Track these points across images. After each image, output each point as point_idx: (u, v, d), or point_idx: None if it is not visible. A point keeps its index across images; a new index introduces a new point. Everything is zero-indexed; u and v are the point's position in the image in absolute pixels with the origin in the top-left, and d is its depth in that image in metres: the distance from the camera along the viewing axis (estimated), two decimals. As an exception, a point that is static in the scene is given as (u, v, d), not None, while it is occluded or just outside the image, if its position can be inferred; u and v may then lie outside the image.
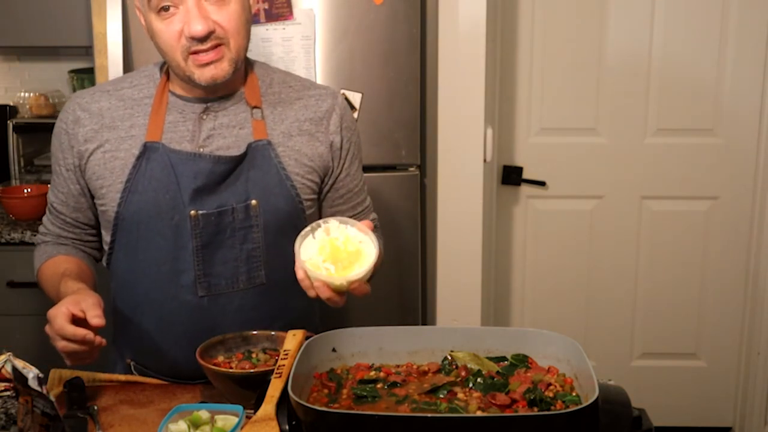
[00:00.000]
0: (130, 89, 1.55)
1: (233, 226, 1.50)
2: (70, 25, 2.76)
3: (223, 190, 1.50)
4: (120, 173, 1.50)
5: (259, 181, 1.51)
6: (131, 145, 1.50)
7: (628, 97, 2.86)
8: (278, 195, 1.53)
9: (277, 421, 1.16)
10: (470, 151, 2.61)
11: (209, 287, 1.52)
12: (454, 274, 2.69)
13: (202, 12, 1.41)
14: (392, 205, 2.52)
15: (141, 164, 1.49)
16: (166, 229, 1.49)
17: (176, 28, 1.42)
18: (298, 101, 1.58)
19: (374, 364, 1.30)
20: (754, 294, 2.95)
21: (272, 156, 1.52)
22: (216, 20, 1.42)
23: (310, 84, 1.63)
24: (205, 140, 1.51)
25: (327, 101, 1.59)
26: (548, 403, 1.15)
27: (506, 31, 2.83)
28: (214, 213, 1.49)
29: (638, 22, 2.80)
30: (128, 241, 1.53)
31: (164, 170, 1.48)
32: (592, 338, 3.00)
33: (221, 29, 1.43)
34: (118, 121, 1.52)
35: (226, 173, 1.50)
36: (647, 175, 2.92)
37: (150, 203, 1.49)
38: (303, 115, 1.57)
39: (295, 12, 2.38)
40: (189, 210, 1.48)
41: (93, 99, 1.55)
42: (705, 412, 3.08)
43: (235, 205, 1.50)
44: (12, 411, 1.32)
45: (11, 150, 2.99)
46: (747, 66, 2.80)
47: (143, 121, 1.51)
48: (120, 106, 1.53)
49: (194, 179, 1.48)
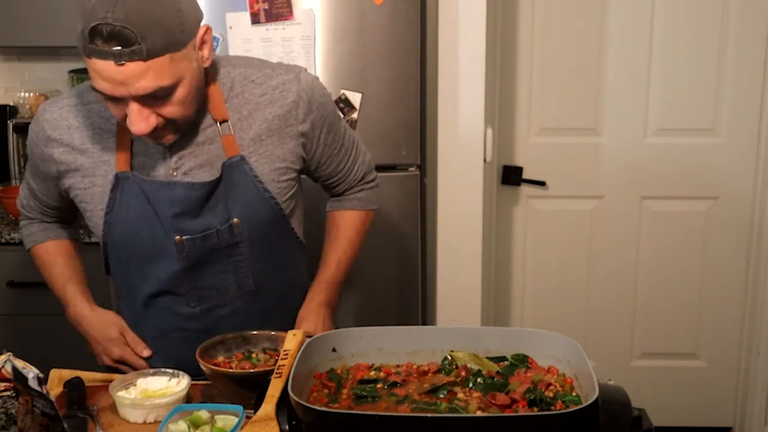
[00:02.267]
0: (96, 104, 1.49)
1: (219, 245, 1.51)
2: (70, 25, 2.73)
3: (204, 214, 1.49)
4: (100, 200, 1.50)
5: (239, 198, 1.50)
6: (106, 171, 1.49)
7: (628, 97, 2.86)
8: (259, 209, 1.52)
9: (277, 421, 1.16)
10: (470, 151, 2.61)
11: (200, 300, 1.56)
12: (454, 274, 2.69)
13: (144, 113, 1.34)
14: (392, 205, 2.52)
15: (116, 196, 1.49)
16: (152, 254, 1.51)
17: (121, 114, 1.37)
18: (263, 97, 1.51)
19: (374, 364, 1.30)
20: (754, 294, 2.94)
21: (247, 171, 1.50)
22: (161, 113, 1.36)
23: (271, 71, 1.54)
24: (177, 162, 1.49)
25: (292, 90, 1.52)
26: (548, 403, 1.15)
27: (506, 31, 2.83)
28: (199, 237, 1.49)
29: (638, 23, 2.80)
30: (119, 263, 1.57)
31: (138, 199, 1.48)
32: (592, 338, 2.99)
33: (165, 121, 1.38)
34: (87, 143, 1.50)
35: (204, 197, 1.49)
36: (647, 175, 2.91)
37: (131, 233, 1.50)
38: (270, 113, 1.51)
39: (295, 12, 2.38)
40: (172, 236, 1.48)
41: (61, 115, 1.51)
42: (705, 412, 3.08)
43: (219, 227, 1.50)
44: (12, 411, 1.32)
45: (11, 150, 2.99)
46: (747, 66, 2.80)
47: (113, 143, 1.49)
48: (88, 125, 1.50)
49: (171, 206, 1.47)
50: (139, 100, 1.32)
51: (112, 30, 1.25)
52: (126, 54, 1.27)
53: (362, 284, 2.57)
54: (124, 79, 1.29)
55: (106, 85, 1.31)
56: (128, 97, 1.32)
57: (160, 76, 1.31)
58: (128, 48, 1.26)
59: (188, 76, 1.36)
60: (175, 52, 1.32)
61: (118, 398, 1.32)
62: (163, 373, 1.39)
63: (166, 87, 1.32)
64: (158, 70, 1.30)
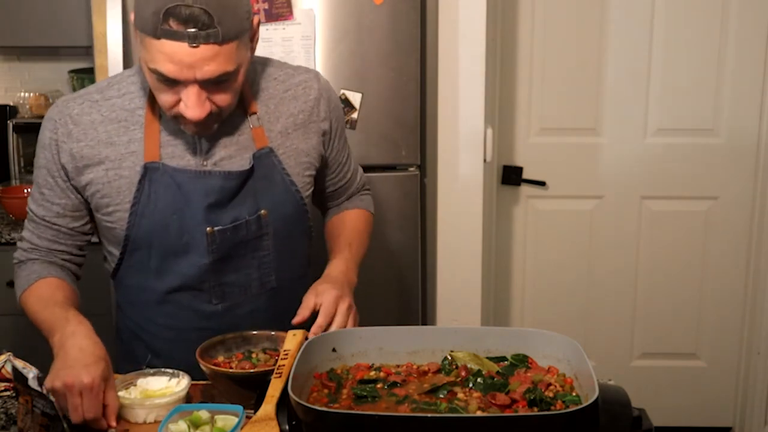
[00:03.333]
0: (119, 99, 1.49)
1: (247, 238, 1.52)
2: (70, 25, 2.76)
3: (235, 205, 1.50)
4: (127, 193, 1.47)
5: (267, 190, 1.52)
6: (134, 163, 1.47)
7: (628, 97, 2.86)
8: (285, 202, 1.54)
9: (277, 421, 1.16)
10: (470, 151, 2.62)
11: (223, 296, 1.55)
12: (454, 274, 2.69)
13: (202, 98, 1.36)
14: (392, 205, 2.52)
15: (144, 187, 1.47)
16: (178, 247, 1.50)
17: (173, 99, 1.37)
18: (287, 93, 1.56)
19: (374, 364, 1.30)
20: (754, 294, 2.94)
21: (276, 163, 1.52)
22: (215, 101, 1.38)
23: (292, 70, 1.60)
24: (208, 152, 1.49)
25: (314, 87, 1.58)
26: (548, 403, 1.15)
27: (506, 31, 2.83)
28: (230, 228, 1.49)
29: (638, 23, 2.80)
30: (140, 260, 1.53)
31: (168, 190, 1.47)
32: (592, 338, 2.99)
33: (216, 108, 1.40)
34: (114, 136, 1.48)
35: (237, 188, 1.49)
36: (647, 175, 2.91)
37: (158, 225, 1.48)
38: (295, 108, 1.56)
39: (295, 12, 2.38)
40: (204, 227, 1.47)
41: (83, 111, 1.48)
42: (705, 412, 3.08)
43: (248, 218, 1.51)
44: (12, 411, 1.32)
45: (11, 150, 2.99)
46: (747, 66, 2.80)
47: (140, 134, 1.48)
48: (112, 118, 1.48)
49: (206, 197, 1.47)
50: (201, 84, 1.34)
51: (191, 12, 1.27)
52: (202, 36, 1.29)
53: (362, 284, 2.56)
54: (193, 62, 1.31)
55: (173, 68, 1.32)
56: (191, 81, 1.33)
57: (228, 61, 1.34)
58: (204, 31, 1.29)
59: (245, 65, 1.40)
60: (241, 39, 1.36)
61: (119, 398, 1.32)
62: (163, 373, 1.39)
63: (230, 72, 1.35)
64: (227, 55, 1.33)
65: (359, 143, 2.46)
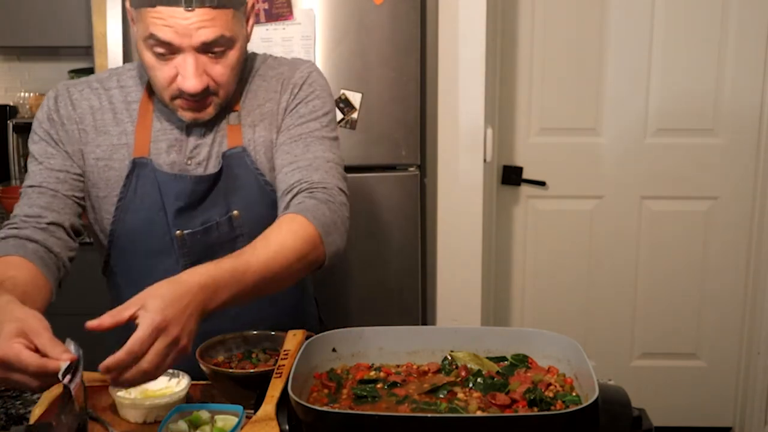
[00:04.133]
0: (118, 90, 1.51)
1: (219, 239, 1.49)
2: (70, 25, 2.76)
3: (206, 207, 1.48)
4: (115, 186, 1.47)
5: (239, 190, 1.49)
6: (124, 156, 1.47)
7: (628, 97, 2.86)
8: (259, 202, 1.50)
9: (277, 421, 1.15)
10: (470, 151, 2.62)
11: None
12: (454, 274, 2.69)
13: (199, 68, 1.36)
14: (392, 205, 2.52)
15: (131, 182, 1.46)
16: (161, 245, 1.48)
17: (170, 74, 1.38)
18: (261, 85, 1.51)
19: (374, 364, 1.30)
20: (754, 294, 2.95)
21: (248, 163, 1.48)
22: (212, 74, 1.38)
23: (276, 63, 1.55)
24: (193, 150, 1.48)
25: (288, 77, 1.51)
26: (548, 403, 1.15)
27: (506, 31, 2.83)
28: (200, 231, 1.48)
29: (638, 23, 2.80)
30: (124, 258, 1.52)
31: (154, 188, 1.46)
32: (592, 338, 2.99)
33: (214, 84, 1.39)
34: (109, 125, 1.48)
35: (206, 191, 1.47)
36: (647, 175, 2.91)
37: (143, 221, 1.47)
38: (264, 98, 1.51)
39: (295, 12, 2.38)
40: (174, 231, 1.46)
41: (82, 96, 1.50)
42: (705, 412, 3.08)
43: (218, 219, 1.48)
44: (12, 411, 1.32)
45: (11, 150, 3.00)
46: (747, 66, 2.80)
47: (132, 128, 1.48)
48: (109, 108, 1.49)
49: (176, 200, 1.46)
50: (198, 52, 1.35)
51: None
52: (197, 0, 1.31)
53: (362, 284, 2.57)
54: (189, 26, 1.32)
55: (168, 33, 1.33)
56: (187, 48, 1.34)
57: (224, 26, 1.35)
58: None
59: (240, 40, 1.40)
60: (237, 10, 1.37)
61: (118, 398, 1.32)
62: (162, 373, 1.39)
63: (227, 37, 1.36)
64: (223, 21, 1.34)
65: (359, 143, 2.47)
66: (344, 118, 2.45)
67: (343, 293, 2.57)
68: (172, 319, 1.08)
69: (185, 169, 1.48)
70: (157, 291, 1.12)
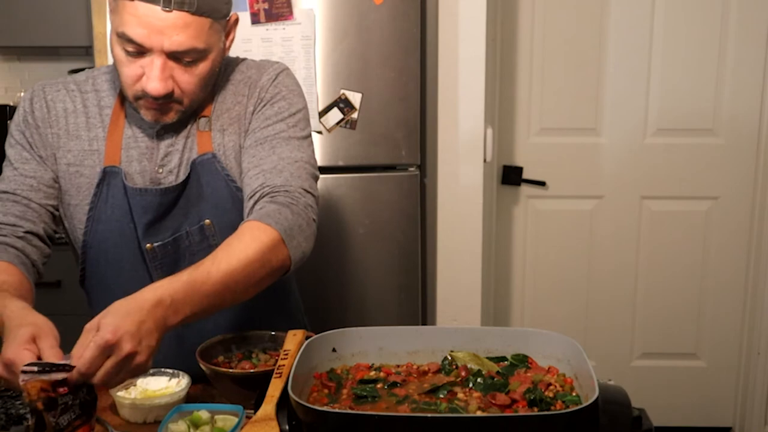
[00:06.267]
0: (92, 94, 1.48)
1: (191, 249, 1.46)
2: (70, 25, 2.76)
3: (174, 216, 1.45)
4: (86, 194, 1.45)
5: (210, 198, 1.45)
6: (95, 162, 1.45)
7: (628, 97, 2.86)
8: (231, 209, 1.46)
9: (277, 421, 1.15)
10: (470, 151, 2.62)
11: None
12: (454, 274, 2.69)
13: (166, 72, 1.33)
14: (392, 205, 2.52)
15: (102, 191, 1.44)
16: (132, 256, 1.46)
17: (136, 72, 1.35)
18: (229, 89, 1.49)
19: (374, 364, 1.30)
20: (754, 294, 2.95)
21: (218, 169, 1.45)
22: (178, 81, 1.36)
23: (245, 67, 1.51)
24: (164, 158, 1.45)
25: (256, 80, 1.48)
26: (548, 403, 1.15)
27: (506, 31, 2.83)
28: (170, 241, 1.45)
29: (638, 22, 2.80)
30: (97, 269, 1.49)
31: (123, 199, 1.44)
32: (592, 338, 3.00)
33: (179, 91, 1.37)
34: (81, 130, 1.46)
35: (174, 201, 1.44)
36: (647, 175, 2.92)
37: (115, 232, 1.45)
38: (232, 101, 1.48)
39: (295, 12, 2.38)
40: (145, 244, 1.44)
41: (57, 97, 1.47)
42: (705, 412, 3.08)
43: (189, 229, 1.45)
44: (12, 411, 1.31)
45: (11, 150, 2.99)
46: (747, 66, 2.80)
47: (103, 134, 1.46)
48: (82, 112, 1.47)
49: (144, 214, 1.43)
50: (168, 56, 1.33)
51: None
52: (177, 1, 1.29)
53: (362, 284, 2.57)
54: (164, 28, 1.30)
55: (141, 32, 1.30)
56: (158, 51, 1.32)
57: (198, 36, 1.32)
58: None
59: (215, 52, 1.38)
60: (215, 21, 1.35)
61: (118, 398, 1.32)
62: (162, 373, 1.39)
63: (199, 50, 1.34)
64: (198, 30, 1.32)
65: (359, 143, 2.47)
66: (344, 118, 2.45)
67: (343, 293, 2.57)
68: (124, 335, 1.08)
69: (156, 179, 1.45)
70: (112, 308, 1.12)
